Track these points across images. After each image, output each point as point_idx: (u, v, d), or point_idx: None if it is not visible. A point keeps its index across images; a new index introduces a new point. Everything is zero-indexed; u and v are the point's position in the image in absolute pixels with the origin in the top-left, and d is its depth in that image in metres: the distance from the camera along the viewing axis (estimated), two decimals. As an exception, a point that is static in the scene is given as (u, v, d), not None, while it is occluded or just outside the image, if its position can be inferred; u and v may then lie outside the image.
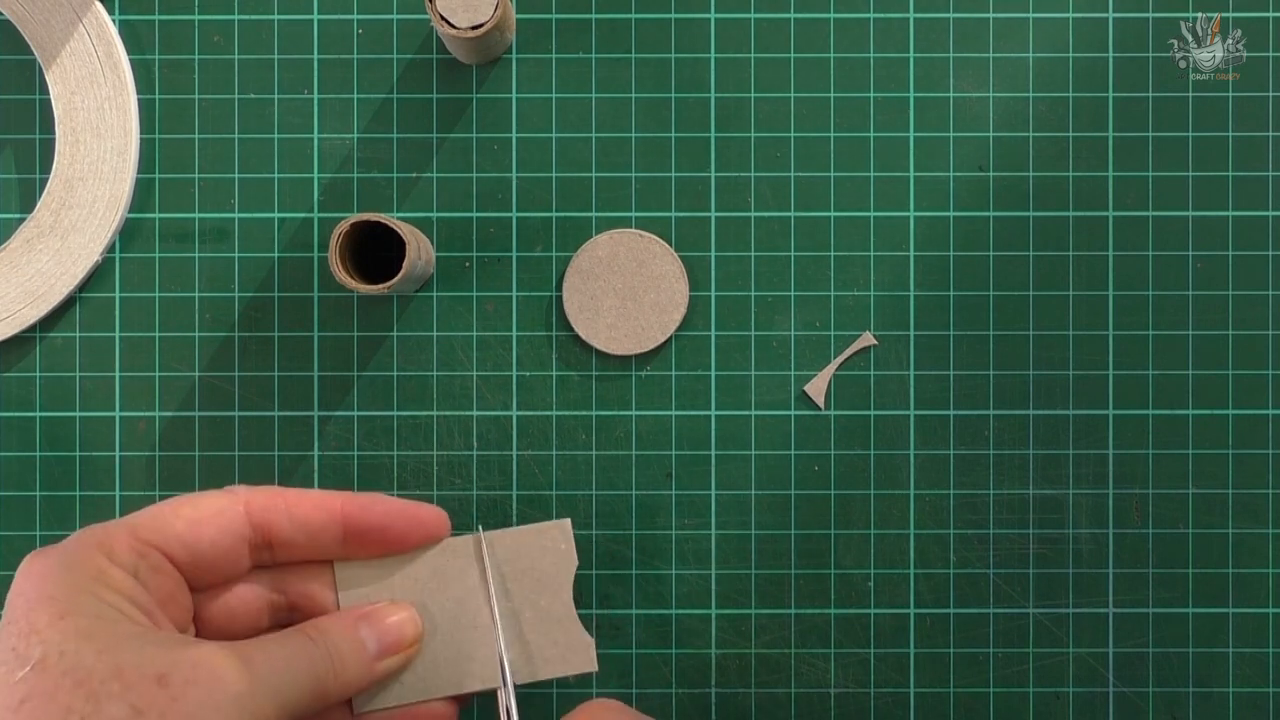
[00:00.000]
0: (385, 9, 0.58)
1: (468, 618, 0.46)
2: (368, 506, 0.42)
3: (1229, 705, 0.58)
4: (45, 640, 0.32)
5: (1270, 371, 0.58)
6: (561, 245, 0.58)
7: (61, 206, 0.57)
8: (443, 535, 0.47)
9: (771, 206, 0.58)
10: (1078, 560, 0.58)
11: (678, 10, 0.58)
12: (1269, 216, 0.59)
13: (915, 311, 0.58)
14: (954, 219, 0.58)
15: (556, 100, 0.58)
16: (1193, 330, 0.58)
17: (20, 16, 0.57)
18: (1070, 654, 0.58)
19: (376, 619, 0.42)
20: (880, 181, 0.58)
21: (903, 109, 0.58)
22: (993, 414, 0.58)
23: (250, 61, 0.58)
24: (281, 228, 0.58)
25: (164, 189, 0.58)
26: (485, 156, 0.58)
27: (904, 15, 0.58)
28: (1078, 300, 0.58)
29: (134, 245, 0.58)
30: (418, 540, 0.45)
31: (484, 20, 0.53)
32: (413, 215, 0.58)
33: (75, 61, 0.57)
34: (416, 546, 0.45)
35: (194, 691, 0.32)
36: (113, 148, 0.57)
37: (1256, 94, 0.59)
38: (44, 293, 0.57)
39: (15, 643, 0.32)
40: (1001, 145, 0.58)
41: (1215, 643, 0.58)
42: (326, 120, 0.58)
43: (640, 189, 0.58)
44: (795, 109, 0.58)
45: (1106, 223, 0.58)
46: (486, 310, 0.58)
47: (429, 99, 0.58)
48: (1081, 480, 0.58)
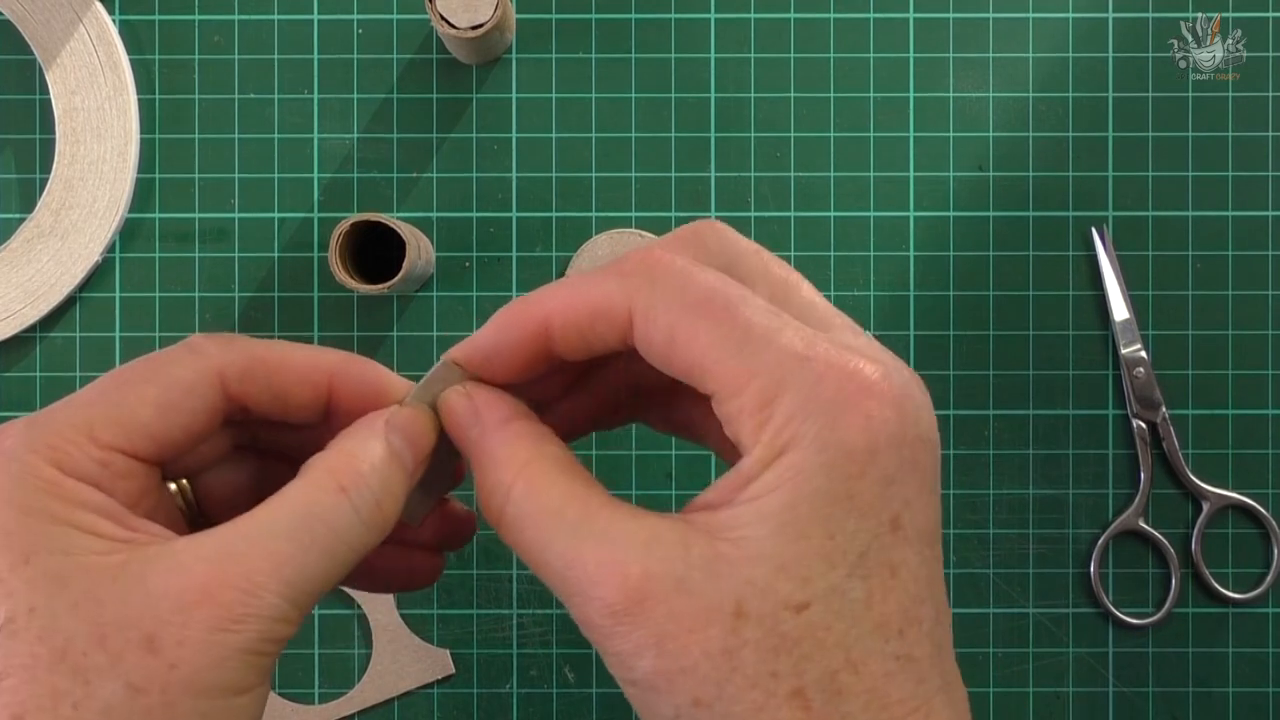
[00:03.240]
0: (385, 9, 0.58)
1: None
2: (360, 383, 0.32)
3: (1229, 705, 0.58)
4: (11, 593, 0.26)
5: (1270, 371, 0.58)
6: (561, 245, 0.58)
7: (61, 207, 0.57)
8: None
9: (771, 206, 0.58)
10: (1077, 561, 0.58)
11: (678, 10, 0.58)
12: (1269, 216, 0.59)
13: (915, 311, 0.58)
14: (954, 219, 0.58)
15: (556, 100, 0.58)
16: (1192, 330, 0.58)
17: (20, 16, 0.57)
18: (1070, 654, 0.58)
19: (400, 422, 0.30)
20: (880, 181, 0.58)
21: (903, 109, 0.58)
22: (993, 414, 0.58)
23: (250, 61, 0.58)
24: (281, 228, 0.58)
25: (164, 189, 0.58)
26: (485, 156, 0.58)
27: (904, 15, 0.58)
28: (1078, 300, 0.58)
29: (134, 245, 0.58)
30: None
31: (484, 20, 0.53)
32: (413, 215, 0.58)
33: (75, 61, 0.57)
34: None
35: (189, 656, 0.26)
36: (113, 148, 0.57)
37: (1256, 94, 0.59)
38: (44, 293, 0.57)
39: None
40: (1001, 145, 0.58)
41: (1215, 643, 0.58)
42: (326, 120, 0.58)
43: (640, 189, 0.58)
44: (795, 109, 0.58)
45: (1106, 223, 0.58)
46: (486, 310, 0.58)
47: (429, 99, 0.58)
48: (1081, 480, 0.58)
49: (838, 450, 0.26)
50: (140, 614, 0.26)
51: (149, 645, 0.26)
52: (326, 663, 0.58)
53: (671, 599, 0.25)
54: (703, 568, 0.25)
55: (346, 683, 0.58)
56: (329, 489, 0.28)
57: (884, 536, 0.26)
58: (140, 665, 0.26)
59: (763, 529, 0.25)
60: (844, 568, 0.25)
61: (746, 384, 0.26)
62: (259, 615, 0.27)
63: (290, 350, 0.31)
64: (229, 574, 0.27)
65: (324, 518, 0.28)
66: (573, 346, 0.29)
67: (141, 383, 0.30)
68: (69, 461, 0.28)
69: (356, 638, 0.58)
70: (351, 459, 0.29)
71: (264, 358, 0.31)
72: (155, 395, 0.29)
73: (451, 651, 0.58)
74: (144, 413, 0.29)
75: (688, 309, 0.27)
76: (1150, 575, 0.58)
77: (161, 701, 0.26)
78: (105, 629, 0.26)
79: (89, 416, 0.29)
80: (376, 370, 0.32)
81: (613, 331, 0.29)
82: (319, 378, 0.31)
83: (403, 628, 0.58)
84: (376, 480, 0.29)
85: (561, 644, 0.57)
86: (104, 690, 0.26)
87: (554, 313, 0.29)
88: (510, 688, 0.58)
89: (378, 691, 0.58)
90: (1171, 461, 0.58)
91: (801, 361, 0.26)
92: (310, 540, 0.28)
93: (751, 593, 0.25)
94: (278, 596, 0.27)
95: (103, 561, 0.27)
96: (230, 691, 0.27)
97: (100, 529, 0.28)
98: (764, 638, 0.25)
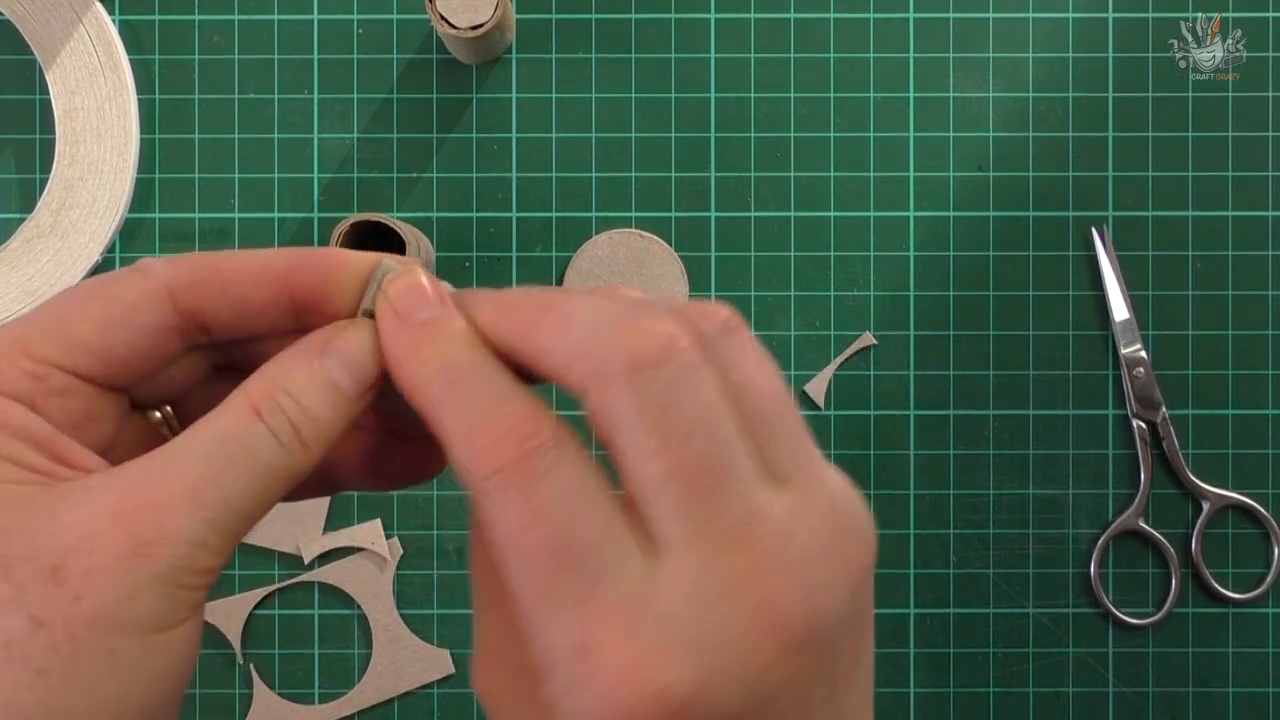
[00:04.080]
0: (385, 9, 0.58)
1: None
2: (320, 270, 0.30)
3: (1229, 705, 0.58)
4: None
5: (1270, 371, 0.58)
6: (561, 245, 0.58)
7: (61, 207, 0.57)
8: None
9: (771, 206, 0.58)
10: (1077, 561, 0.58)
11: (678, 10, 0.58)
12: (1269, 216, 0.59)
13: (915, 311, 0.58)
14: (954, 219, 0.58)
15: (556, 100, 0.58)
16: (1192, 330, 0.58)
17: (20, 16, 0.57)
18: (1070, 654, 0.58)
19: (338, 346, 0.28)
20: (880, 181, 0.58)
21: (903, 109, 0.58)
22: (993, 414, 0.58)
23: (250, 61, 0.58)
24: (281, 228, 0.58)
25: (164, 189, 0.58)
26: (485, 156, 0.58)
27: (904, 15, 0.58)
28: (1078, 300, 0.58)
29: (134, 245, 0.58)
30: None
31: (484, 20, 0.53)
32: (413, 215, 0.58)
33: (75, 61, 0.57)
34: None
35: (95, 585, 0.25)
36: (113, 148, 0.57)
37: (1256, 94, 0.59)
38: (44, 293, 0.57)
39: None
40: (1001, 145, 0.58)
41: (1215, 643, 0.58)
42: (326, 120, 0.58)
43: (640, 189, 0.58)
44: (795, 109, 0.58)
45: (1106, 223, 0.58)
46: (486, 310, 0.58)
47: (429, 99, 0.58)
48: (1081, 480, 0.58)
49: (617, 375, 0.26)
50: (46, 544, 0.25)
51: (53, 576, 0.25)
52: (326, 663, 0.58)
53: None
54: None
55: (346, 683, 0.58)
56: (244, 412, 0.27)
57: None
58: (43, 596, 0.25)
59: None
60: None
61: (567, 367, 0.27)
62: (173, 539, 0.25)
63: (242, 255, 0.29)
64: (140, 499, 0.25)
65: (240, 439, 0.27)
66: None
67: (84, 300, 0.28)
68: (0, 376, 0.26)
69: (356, 638, 0.58)
70: (269, 384, 0.28)
71: (214, 266, 0.29)
72: (97, 311, 0.28)
73: (451, 651, 0.58)
74: (84, 329, 0.27)
75: (511, 318, 0.27)
76: (1150, 575, 0.58)
77: (66, 635, 0.25)
78: (9, 560, 0.25)
79: (25, 331, 0.27)
80: (337, 261, 0.29)
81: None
82: (275, 279, 0.29)
83: (403, 628, 0.58)
84: (292, 405, 0.27)
85: (561, 644, 0.57)
86: (4, 623, 0.24)
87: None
88: (510, 688, 0.58)
89: (378, 691, 0.58)
90: (1171, 461, 0.58)
91: (601, 331, 0.26)
92: (225, 461, 0.26)
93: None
94: (191, 518, 0.25)
95: (14, 491, 0.26)
96: (144, 628, 0.25)
97: (18, 455, 0.26)
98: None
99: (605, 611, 0.24)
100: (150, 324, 0.28)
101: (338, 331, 0.28)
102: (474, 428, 0.26)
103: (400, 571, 0.58)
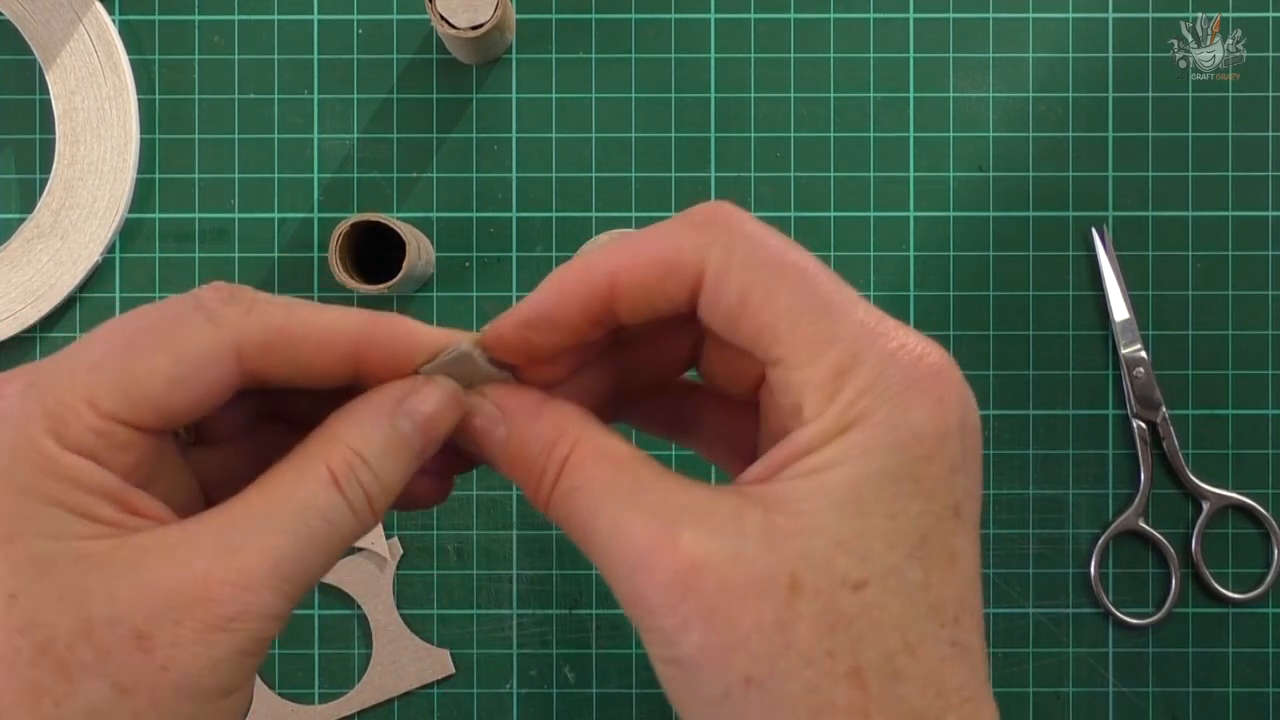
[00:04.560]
0: (385, 9, 0.58)
1: None
2: (391, 348, 0.29)
3: (1229, 705, 0.58)
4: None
5: (1270, 371, 0.58)
6: (561, 245, 0.58)
7: (61, 206, 0.57)
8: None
9: (771, 206, 0.58)
10: (1077, 561, 0.58)
11: (678, 10, 0.58)
12: (1269, 216, 0.59)
13: (915, 311, 0.58)
14: (954, 219, 0.58)
15: (556, 100, 0.58)
16: (1192, 330, 0.58)
17: (20, 16, 0.57)
18: (1070, 654, 0.58)
19: (418, 411, 0.28)
20: (880, 181, 0.58)
21: (903, 109, 0.58)
22: (993, 414, 0.58)
23: (250, 61, 0.58)
24: (281, 228, 0.58)
25: (164, 189, 0.58)
26: (485, 156, 0.58)
27: (904, 15, 0.58)
28: (1078, 300, 0.58)
29: (134, 245, 0.58)
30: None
31: (484, 20, 0.53)
32: (413, 215, 0.58)
33: (75, 61, 0.57)
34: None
35: (183, 657, 0.24)
36: (113, 148, 0.57)
37: (1256, 94, 0.59)
38: (44, 293, 0.57)
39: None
40: (1001, 145, 0.58)
41: (1215, 643, 0.58)
42: (326, 120, 0.58)
43: (640, 189, 0.58)
44: (795, 109, 0.58)
45: (1106, 223, 0.58)
46: (486, 310, 0.58)
47: (429, 99, 0.58)
48: (1081, 480, 0.58)
49: (908, 432, 0.25)
50: (131, 608, 0.24)
51: (140, 643, 0.24)
52: (326, 663, 0.58)
53: (723, 569, 0.24)
54: (757, 539, 0.24)
55: (346, 683, 0.58)
56: (323, 481, 0.27)
57: (947, 522, 0.25)
58: (130, 665, 0.24)
59: (823, 502, 0.25)
60: (903, 549, 0.25)
61: (821, 353, 0.25)
62: (258, 614, 0.25)
63: (313, 316, 0.28)
64: (226, 570, 0.25)
65: (322, 512, 0.27)
66: (637, 308, 0.28)
67: (152, 351, 0.27)
68: (68, 433, 0.26)
69: (356, 638, 0.58)
70: (347, 451, 0.27)
71: (284, 327, 0.28)
72: (167, 367, 0.27)
73: (451, 651, 0.58)
74: (154, 385, 0.26)
75: (766, 269, 0.26)
76: (1150, 575, 0.58)
77: (150, 703, 0.24)
78: (92, 623, 0.24)
79: (93, 383, 0.26)
80: (407, 332, 0.29)
81: (682, 290, 0.27)
82: (344, 345, 0.28)
83: (403, 628, 0.58)
84: (369, 475, 0.27)
85: (561, 644, 0.57)
86: (89, 688, 0.24)
87: (622, 269, 0.27)
88: (510, 688, 0.58)
89: (378, 691, 0.58)
90: (1171, 461, 0.58)
91: (875, 337, 0.25)
92: (308, 535, 0.26)
93: (808, 567, 0.24)
94: (274, 593, 0.25)
95: (93, 548, 0.25)
96: (220, 693, 0.25)
97: (94, 511, 0.26)
98: (820, 613, 0.24)
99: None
100: (215, 382, 0.27)
101: (412, 391, 0.28)
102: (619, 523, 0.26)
103: (400, 571, 0.58)
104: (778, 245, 0.27)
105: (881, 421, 0.25)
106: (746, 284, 0.26)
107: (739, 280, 0.26)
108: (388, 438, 0.28)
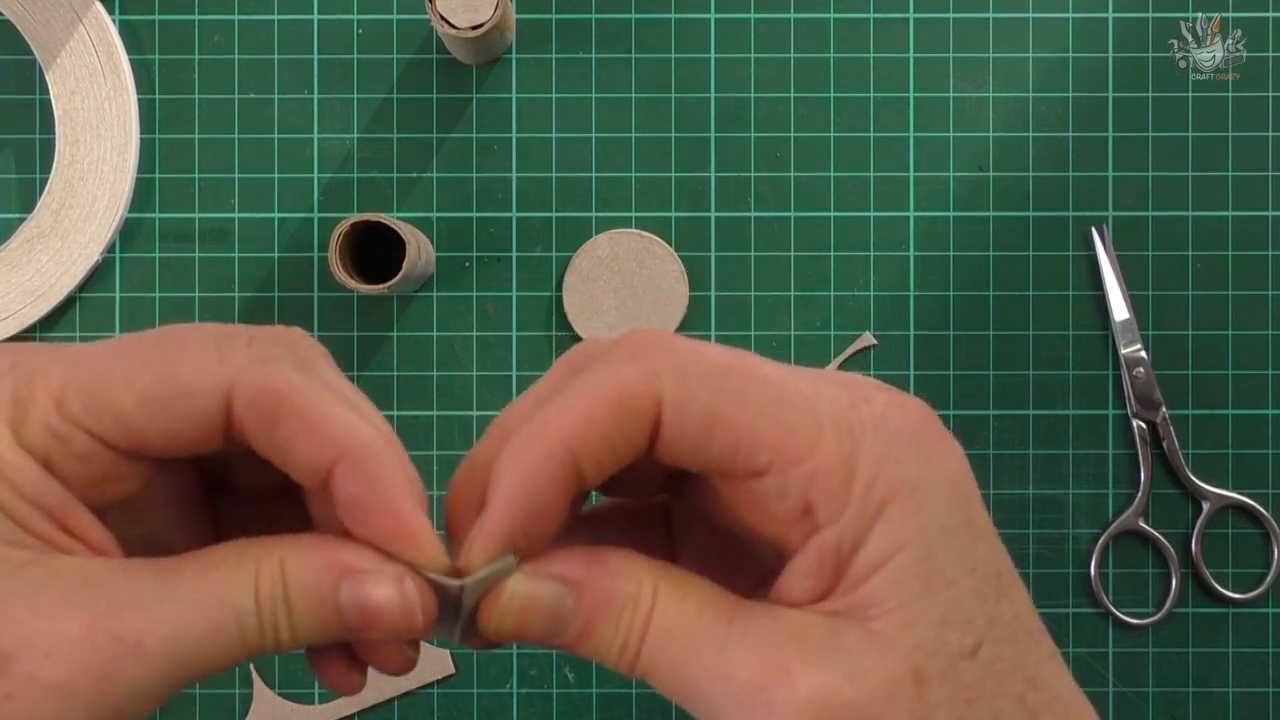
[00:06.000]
0: (385, 9, 0.58)
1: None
2: (366, 494, 0.25)
3: (1229, 705, 0.58)
4: None
5: (1270, 371, 0.58)
6: (561, 245, 0.58)
7: (61, 206, 0.57)
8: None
9: (771, 206, 0.58)
10: (1077, 561, 0.58)
11: (678, 10, 0.58)
12: (1269, 216, 0.59)
13: (915, 311, 0.58)
14: (954, 219, 0.58)
15: (556, 100, 0.58)
16: (1192, 330, 0.58)
17: (20, 16, 0.57)
18: (1070, 654, 0.58)
19: (368, 599, 0.25)
20: (880, 181, 0.58)
21: (903, 109, 0.58)
22: (993, 414, 0.58)
23: (250, 61, 0.58)
24: (281, 228, 0.58)
25: (164, 189, 0.58)
26: (485, 156, 0.58)
27: (904, 15, 0.59)
28: (1078, 300, 0.58)
29: (134, 245, 0.58)
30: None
31: (484, 20, 0.53)
32: (413, 215, 0.58)
33: (75, 61, 0.57)
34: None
35: (34, 696, 0.23)
36: (113, 148, 0.57)
37: (1256, 94, 0.59)
38: (44, 293, 0.57)
39: None
40: (1001, 145, 0.58)
41: (1215, 643, 0.58)
42: (326, 120, 0.58)
43: (640, 189, 0.58)
44: (795, 109, 0.58)
45: (1106, 223, 0.58)
46: (487, 310, 0.58)
47: (429, 99, 0.58)
48: (1081, 480, 0.58)
49: (944, 484, 0.24)
50: (14, 627, 0.23)
51: (4, 664, 0.23)
52: (326, 663, 0.58)
53: (846, 692, 0.23)
54: (866, 651, 0.24)
55: (346, 683, 0.58)
56: (247, 588, 0.25)
57: (999, 550, 0.25)
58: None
59: (908, 593, 0.24)
60: (991, 595, 0.25)
61: (812, 444, 0.24)
62: (130, 688, 0.24)
63: (313, 401, 0.25)
64: (114, 629, 0.24)
65: (237, 617, 0.24)
66: (601, 463, 0.25)
67: (141, 364, 0.25)
68: (25, 426, 0.24)
69: (356, 638, 0.58)
70: (279, 579, 0.25)
71: (280, 392, 0.25)
72: (147, 384, 0.25)
73: (451, 651, 0.58)
74: (124, 397, 0.25)
75: (725, 379, 0.24)
76: (1150, 575, 0.58)
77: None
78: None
79: (66, 380, 0.25)
80: (394, 485, 0.25)
81: (642, 428, 0.24)
82: (328, 451, 0.25)
83: (403, 628, 0.58)
84: (286, 620, 0.25)
85: (561, 644, 0.57)
86: None
87: (574, 434, 0.24)
88: (510, 688, 0.58)
89: (378, 692, 0.58)
90: (1171, 461, 0.58)
91: (857, 408, 0.24)
92: (213, 629, 0.24)
93: (925, 656, 0.24)
94: (155, 673, 0.24)
95: (6, 554, 0.24)
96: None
97: (25, 519, 0.24)
98: (952, 694, 0.24)
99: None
100: (195, 413, 0.25)
101: (371, 572, 0.25)
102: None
103: (400, 571, 0.58)
104: (720, 354, 0.25)
105: (916, 487, 0.24)
106: (711, 399, 0.24)
107: (703, 397, 0.24)
108: (324, 600, 0.25)
